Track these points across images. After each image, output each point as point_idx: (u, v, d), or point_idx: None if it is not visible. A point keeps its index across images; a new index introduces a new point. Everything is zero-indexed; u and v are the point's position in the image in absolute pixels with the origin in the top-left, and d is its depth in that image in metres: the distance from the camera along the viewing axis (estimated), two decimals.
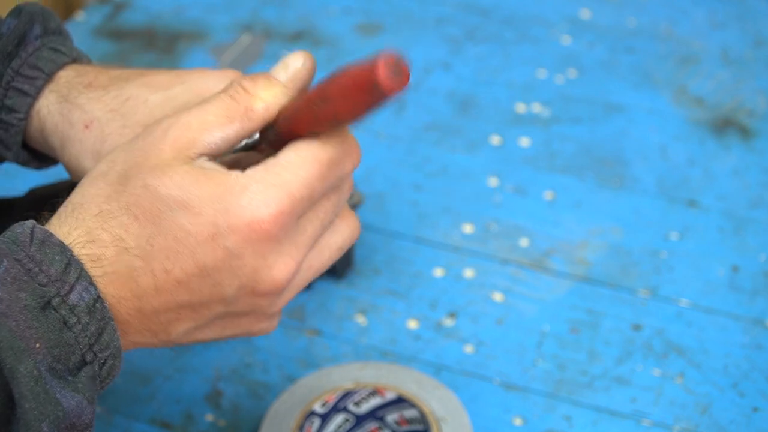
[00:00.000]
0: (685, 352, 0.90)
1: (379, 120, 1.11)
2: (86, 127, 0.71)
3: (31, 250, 0.57)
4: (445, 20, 1.25)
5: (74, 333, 0.57)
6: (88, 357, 0.58)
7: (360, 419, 0.83)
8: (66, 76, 0.73)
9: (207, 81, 0.72)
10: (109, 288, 0.59)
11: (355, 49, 1.21)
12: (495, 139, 1.10)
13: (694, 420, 0.85)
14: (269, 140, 0.63)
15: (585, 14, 1.27)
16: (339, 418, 0.83)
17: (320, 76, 0.60)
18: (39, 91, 0.73)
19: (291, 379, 0.87)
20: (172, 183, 0.59)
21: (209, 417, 0.85)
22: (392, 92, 0.55)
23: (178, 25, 1.25)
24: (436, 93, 1.15)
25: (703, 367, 0.88)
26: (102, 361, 0.59)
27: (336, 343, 0.91)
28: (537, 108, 1.14)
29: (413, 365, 0.88)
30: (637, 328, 0.92)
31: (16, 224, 0.59)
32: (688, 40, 1.23)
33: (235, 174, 0.59)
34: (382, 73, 0.55)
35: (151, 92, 0.72)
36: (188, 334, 0.62)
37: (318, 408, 0.81)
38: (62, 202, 0.62)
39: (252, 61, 1.19)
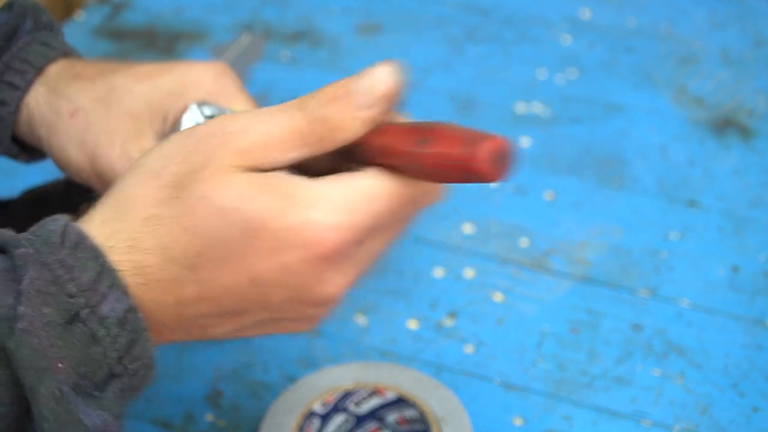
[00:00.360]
0: (685, 352, 0.90)
1: None
2: (71, 116, 0.71)
3: (63, 253, 0.54)
4: (445, 20, 1.25)
5: (103, 347, 0.54)
6: (117, 370, 0.55)
7: (360, 419, 0.83)
8: (56, 69, 0.74)
9: (192, 71, 0.72)
10: (149, 295, 0.56)
11: (355, 49, 1.21)
12: None
13: (694, 420, 0.85)
14: (343, 152, 0.58)
15: (585, 14, 1.27)
16: (339, 419, 0.83)
17: (322, 76, 0.60)
18: (29, 84, 0.73)
19: (291, 379, 0.87)
20: (231, 195, 0.55)
21: (209, 417, 0.85)
22: (491, 181, 0.52)
23: (178, 25, 1.25)
24: (436, 93, 1.15)
25: (703, 367, 0.88)
26: (132, 372, 0.56)
27: (336, 343, 0.91)
28: (537, 108, 1.14)
29: (413, 365, 0.88)
30: (637, 328, 0.92)
31: (50, 219, 0.56)
32: (688, 40, 1.23)
33: (303, 184, 0.55)
34: (484, 163, 0.51)
35: (136, 82, 0.72)
36: (227, 335, 0.60)
37: (318, 408, 0.81)
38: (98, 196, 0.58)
39: (252, 61, 1.19)
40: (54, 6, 1.39)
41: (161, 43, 1.22)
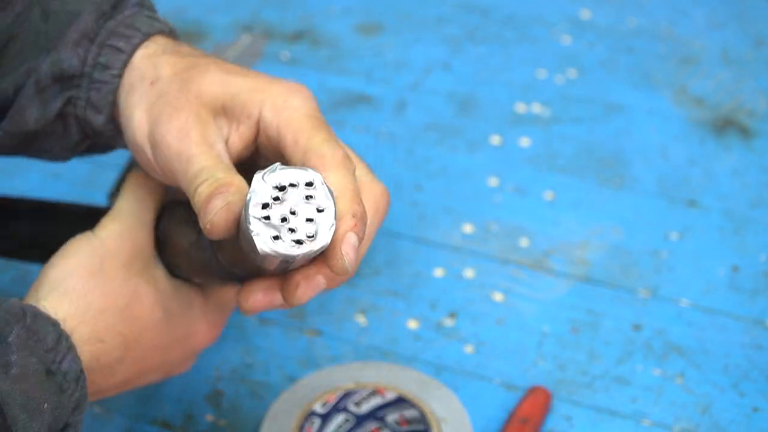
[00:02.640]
0: (685, 352, 0.90)
1: (379, 120, 1.11)
2: (151, 84, 0.71)
3: (27, 321, 0.64)
4: (445, 20, 1.25)
5: (66, 397, 0.64)
6: (71, 420, 0.65)
7: (360, 419, 0.83)
8: (160, 41, 0.73)
9: (273, 87, 0.70)
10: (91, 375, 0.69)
11: (355, 49, 1.21)
12: (495, 139, 1.10)
13: (694, 420, 0.85)
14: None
15: (585, 14, 1.27)
16: (339, 418, 0.83)
17: (322, 76, 0.60)
18: (134, 48, 0.72)
19: (291, 379, 0.87)
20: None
21: (209, 417, 0.85)
22: None
23: (178, 25, 1.25)
24: (436, 93, 1.15)
25: (703, 367, 0.88)
26: (74, 425, 0.65)
27: (336, 343, 0.91)
28: (537, 108, 1.14)
29: (413, 365, 0.88)
30: (637, 328, 0.92)
31: (1, 299, 0.66)
32: (688, 40, 1.23)
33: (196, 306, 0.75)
34: None
35: (215, 68, 0.71)
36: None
37: (318, 408, 0.81)
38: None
39: (252, 61, 1.19)
40: None
41: None
